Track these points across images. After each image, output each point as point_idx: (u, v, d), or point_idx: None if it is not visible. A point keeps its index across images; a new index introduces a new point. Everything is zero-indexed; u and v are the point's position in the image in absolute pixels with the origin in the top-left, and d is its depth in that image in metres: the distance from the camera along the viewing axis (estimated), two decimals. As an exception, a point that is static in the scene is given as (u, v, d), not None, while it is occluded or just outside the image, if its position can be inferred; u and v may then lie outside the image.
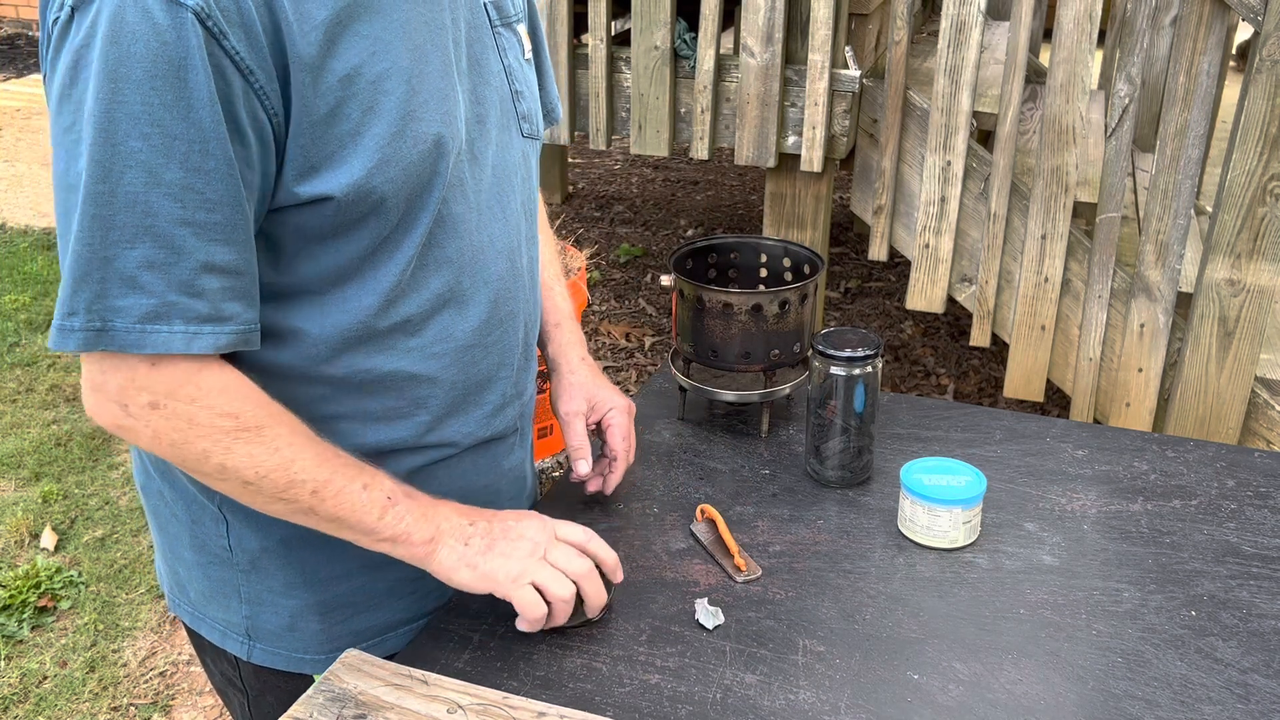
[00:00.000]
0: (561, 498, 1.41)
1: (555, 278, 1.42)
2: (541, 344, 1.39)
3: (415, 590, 1.22)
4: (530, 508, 1.36)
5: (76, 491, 3.16)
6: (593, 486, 1.36)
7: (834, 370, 1.37)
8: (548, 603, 1.11)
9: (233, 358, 1.01)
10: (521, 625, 1.12)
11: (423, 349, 1.10)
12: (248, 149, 0.91)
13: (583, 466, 1.32)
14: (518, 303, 1.19)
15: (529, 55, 1.20)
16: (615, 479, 1.35)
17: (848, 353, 1.36)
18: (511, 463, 1.28)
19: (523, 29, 1.20)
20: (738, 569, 1.26)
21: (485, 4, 1.12)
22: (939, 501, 1.29)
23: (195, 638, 1.27)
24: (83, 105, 0.86)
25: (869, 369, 1.37)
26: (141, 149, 0.86)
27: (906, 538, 1.33)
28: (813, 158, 3.10)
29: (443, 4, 1.04)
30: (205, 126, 0.87)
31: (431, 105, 1.01)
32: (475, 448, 1.21)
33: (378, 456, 1.11)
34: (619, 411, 1.36)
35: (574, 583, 1.11)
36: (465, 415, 1.17)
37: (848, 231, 4.93)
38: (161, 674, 2.54)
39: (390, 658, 1.12)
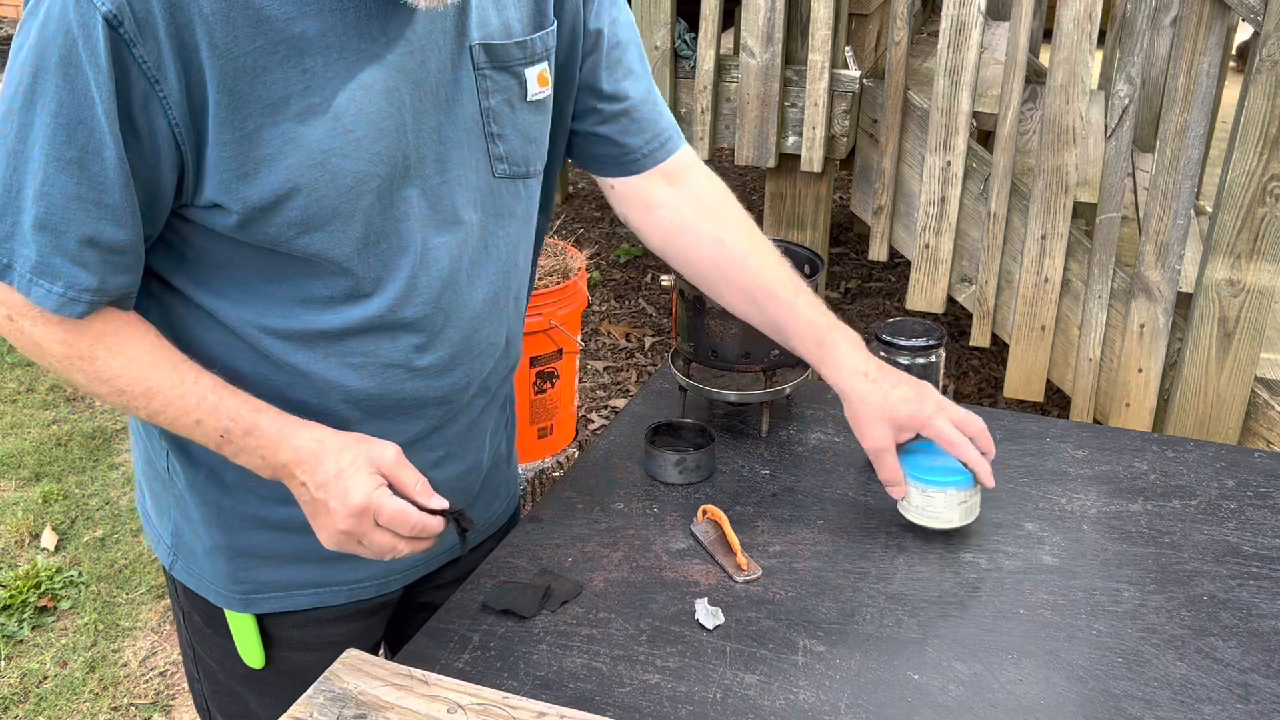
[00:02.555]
0: (561, 497, 1.41)
1: (787, 279, 1.33)
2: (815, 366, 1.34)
3: (324, 557, 1.21)
4: (483, 508, 1.36)
5: (77, 491, 3.16)
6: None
7: (900, 361, 1.38)
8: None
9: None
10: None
11: (342, 358, 1.13)
12: (142, 145, 0.99)
13: (898, 493, 1.30)
14: (463, 336, 1.18)
15: (534, 96, 1.18)
16: (986, 480, 1.29)
17: (909, 341, 1.37)
18: (433, 479, 1.22)
19: (533, 71, 1.17)
20: (739, 568, 1.26)
21: (472, 46, 1.11)
22: (934, 483, 1.28)
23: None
24: (25, 70, 0.97)
25: (931, 359, 1.38)
26: (49, 124, 0.96)
27: (905, 519, 1.32)
28: (813, 158, 3.10)
29: (413, 46, 1.05)
30: (100, 117, 0.96)
31: (364, 144, 1.04)
32: None
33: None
34: (933, 420, 1.27)
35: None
36: (383, 432, 1.17)
37: (848, 231, 4.93)
38: (161, 674, 2.54)
39: (390, 657, 1.13)
